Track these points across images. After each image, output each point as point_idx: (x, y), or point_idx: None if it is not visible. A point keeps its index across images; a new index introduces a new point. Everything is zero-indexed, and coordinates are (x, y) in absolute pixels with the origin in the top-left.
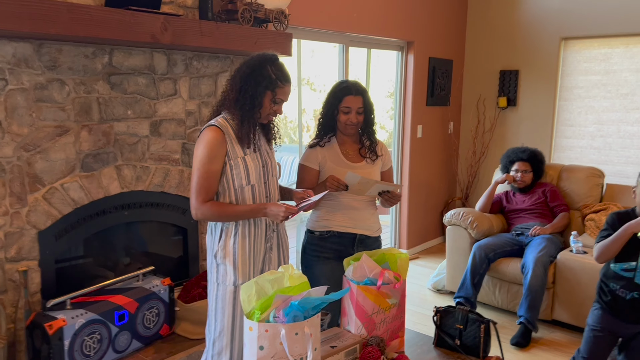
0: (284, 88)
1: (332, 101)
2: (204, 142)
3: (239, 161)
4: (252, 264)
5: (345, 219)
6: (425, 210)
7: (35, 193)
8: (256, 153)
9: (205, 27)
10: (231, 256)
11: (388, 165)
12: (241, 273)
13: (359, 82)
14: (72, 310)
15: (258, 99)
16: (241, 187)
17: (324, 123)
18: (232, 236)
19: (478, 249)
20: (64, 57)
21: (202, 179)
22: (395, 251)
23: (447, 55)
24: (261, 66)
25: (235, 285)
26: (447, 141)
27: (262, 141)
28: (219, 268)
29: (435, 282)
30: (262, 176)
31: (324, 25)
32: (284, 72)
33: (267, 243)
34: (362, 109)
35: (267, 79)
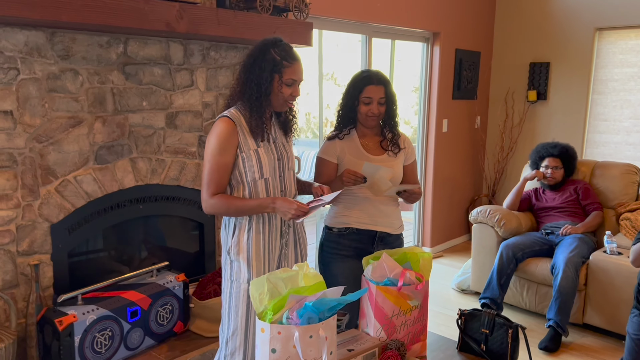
0: (292, 66)
1: (352, 91)
2: (215, 133)
3: (251, 153)
4: (267, 261)
5: (364, 215)
6: (450, 207)
7: (48, 185)
8: (271, 145)
9: (222, 15)
10: (245, 252)
11: (411, 159)
12: (255, 270)
13: (380, 71)
14: (83, 305)
15: (265, 85)
16: (254, 181)
17: (344, 114)
18: (246, 232)
19: (505, 248)
20: (77, 46)
21: (212, 171)
22: (418, 250)
23: (474, 47)
24: (263, 51)
25: (250, 283)
26: (474, 136)
27: (279, 133)
28: (233, 265)
29: (459, 282)
30: (277, 169)
31: (346, 15)
32: (289, 51)
33: (282, 239)
34: (384, 100)
35: (271, 63)
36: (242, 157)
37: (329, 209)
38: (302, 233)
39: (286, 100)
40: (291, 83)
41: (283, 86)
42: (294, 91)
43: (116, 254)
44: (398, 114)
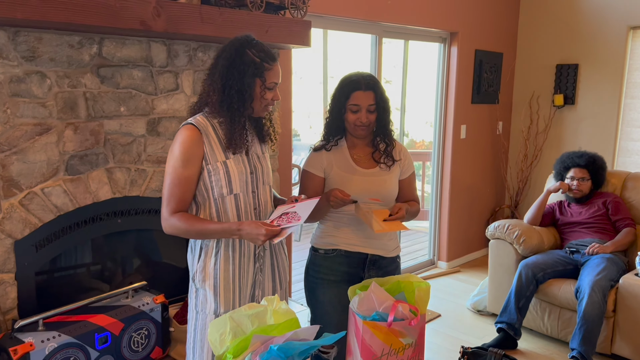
0: (272, 69)
1: (338, 98)
2: (178, 142)
3: (218, 166)
4: (238, 290)
5: (353, 235)
6: (468, 218)
7: (11, 198)
8: (242, 157)
9: (207, 13)
10: (211, 280)
11: (408, 172)
12: (223, 300)
13: (370, 74)
14: (44, 332)
15: (248, 92)
16: (222, 197)
17: (331, 123)
18: (213, 256)
19: (525, 267)
20: (44, 46)
21: (173, 185)
22: (414, 278)
23: (496, 48)
24: (240, 53)
25: (217, 314)
26: (495, 143)
27: (255, 142)
28: (198, 293)
29: (475, 302)
30: (250, 184)
31: (354, 14)
32: (268, 52)
33: (256, 264)
34: (373, 107)
35: (251, 66)
36: (208, 169)
37: (315, 226)
38: (282, 255)
39: (266, 105)
40: (273, 87)
41: (266, 91)
42: (275, 95)
43: (92, 273)
44: (392, 121)
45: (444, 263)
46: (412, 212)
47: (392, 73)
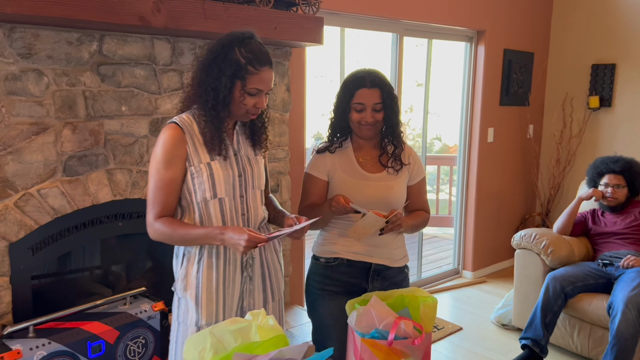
0: (258, 74)
1: (342, 96)
2: (159, 143)
3: (202, 168)
4: (222, 300)
5: (356, 243)
6: (496, 226)
7: (6, 200)
8: (230, 158)
9: (210, 8)
10: (193, 289)
11: (418, 178)
12: (205, 311)
13: (377, 71)
14: (33, 339)
15: (223, 92)
16: (205, 201)
17: (335, 124)
18: (195, 263)
19: (553, 280)
20: (41, 43)
21: (155, 188)
22: (420, 293)
23: (526, 47)
24: (226, 49)
25: (198, 327)
26: (526, 147)
27: (245, 144)
28: (180, 303)
29: (499, 315)
30: (238, 188)
31: (373, 11)
32: (258, 53)
33: (244, 272)
34: (379, 105)
35: (233, 66)
36: (191, 171)
37: (317, 233)
38: (275, 264)
39: (248, 111)
40: (255, 93)
41: (245, 96)
42: (258, 102)
43: (93, 277)
44: (401, 121)
45: (469, 273)
46: (415, 225)
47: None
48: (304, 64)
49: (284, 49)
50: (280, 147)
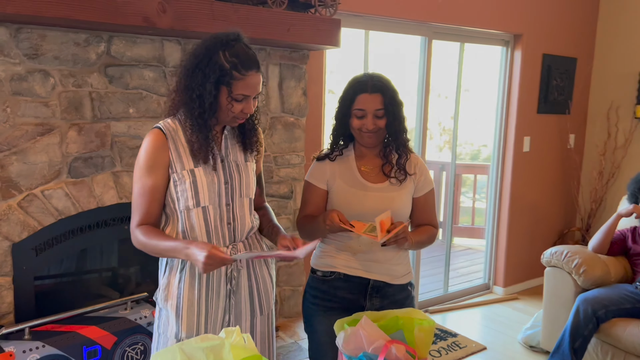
0: (244, 79)
1: (343, 102)
2: (142, 149)
3: (184, 175)
4: (204, 314)
5: (354, 257)
6: (531, 240)
7: (10, 200)
8: (217, 165)
9: (219, 9)
10: (174, 300)
11: (424, 190)
12: (186, 324)
13: (380, 75)
14: (29, 341)
15: (209, 99)
16: (187, 210)
17: (336, 130)
18: (178, 272)
19: (584, 302)
20: (47, 44)
21: (137, 195)
22: (417, 314)
23: (568, 52)
24: (209, 52)
25: (178, 339)
26: (566, 157)
27: (234, 149)
28: (161, 313)
29: (527, 335)
30: (224, 196)
31: (400, 13)
32: (243, 57)
33: (227, 284)
34: (381, 111)
35: (217, 70)
36: (174, 178)
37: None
38: (265, 275)
39: (236, 117)
40: (241, 99)
41: (232, 102)
42: (245, 107)
43: (98, 280)
44: (406, 128)
45: (500, 288)
46: (420, 241)
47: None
48: (323, 67)
49: (301, 51)
50: (294, 152)
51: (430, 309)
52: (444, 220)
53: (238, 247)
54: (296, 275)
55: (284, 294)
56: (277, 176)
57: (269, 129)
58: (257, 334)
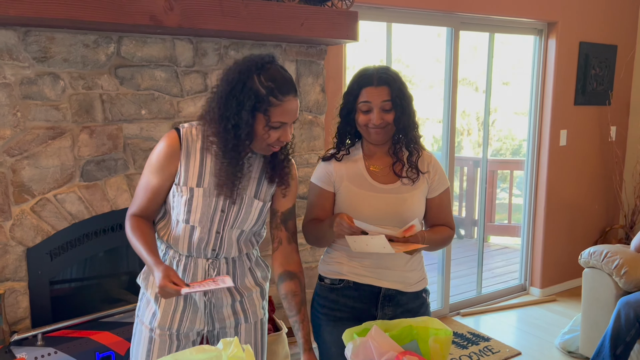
0: (282, 105)
1: (347, 97)
2: (157, 148)
3: (183, 190)
4: (182, 310)
5: (364, 263)
6: (569, 238)
7: (23, 205)
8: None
9: (228, 5)
10: (154, 288)
11: (440, 189)
12: (161, 313)
13: (387, 67)
14: (41, 347)
15: (245, 129)
16: (177, 222)
17: (342, 128)
18: (161, 258)
19: (625, 306)
20: (56, 46)
21: (140, 187)
22: (433, 324)
23: (607, 39)
24: (244, 77)
25: (152, 328)
26: (606, 151)
27: (251, 180)
28: (143, 297)
29: (565, 340)
30: (217, 223)
31: (424, 4)
32: (280, 81)
33: (207, 294)
34: (389, 104)
35: (253, 97)
36: (174, 188)
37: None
38: (252, 285)
39: (270, 145)
40: (279, 126)
41: (269, 130)
42: (282, 135)
43: (117, 284)
44: (416, 123)
45: (536, 289)
46: (436, 240)
47: (510, 73)
48: (342, 62)
49: (318, 47)
50: (313, 151)
51: (462, 312)
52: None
53: (218, 263)
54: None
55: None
56: None
57: None
58: (241, 342)
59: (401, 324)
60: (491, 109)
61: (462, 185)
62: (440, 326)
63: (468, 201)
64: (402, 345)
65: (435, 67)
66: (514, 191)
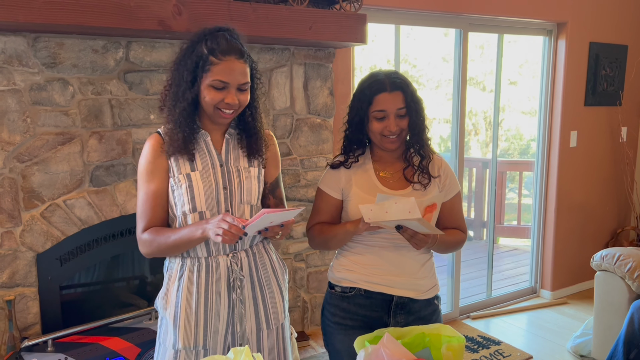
0: (221, 63)
1: (358, 105)
2: (142, 155)
3: (181, 179)
4: (204, 323)
5: (375, 271)
6: (580, 240)
7: (33, 210)
8: (216, 169)
9: (236, 9)
10: (172, 308)
11: (451, 193)
12: (183, 334)
13: (396, 71)
14: (52, 353)
15: (191, 91)
16: (184, 215)
17: (351, 136)
18: (177, 280)
19: (639, 310)
20: (65, 52)
21: (141, 202)
22: (446, 331)
23: (617, 39)
24: (194, 45)
25: (176, 350)
26: (617, 152)
27: (238, 153)
28: (162, 322)
29: (577, 344)
30: (223, 202)
31: (432, 6)
32: (223, 44)
33: (231, 293)
34: (404, 110)
35: (196, 58)
36: (172, 183)
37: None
38: (272, 285)
39: (217, 107)
40: (220, 86)
41: (212, 90)
42: (227, 97)
43: (127, 289)
44: (427, 127)
45: (547, 292)
46: (449, 242)
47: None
48: (350, 65)
49: (327, 50)
50: (322, 154)
51: (472, 315)
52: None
53: (239, 257)
54: (323, 283)
55: (314, 302)
56: (304, 179)
57: (295, 131)
58: (264, 351)
59: (413, 331)
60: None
61: (471, 186)
62: (453, 333)
63: (477, 202)
64: (414, 352)
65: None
66: (523, 191)
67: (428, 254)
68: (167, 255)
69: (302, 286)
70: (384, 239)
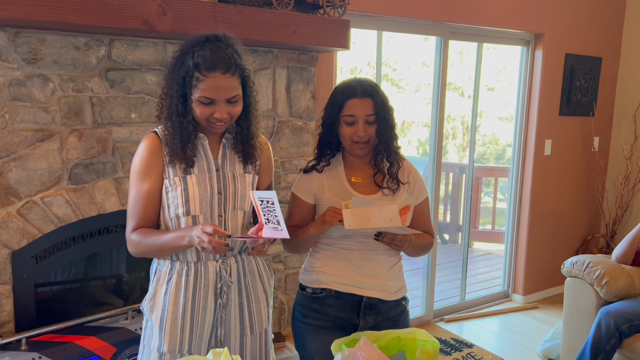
0: (206, 80)
1: (331, 109)
2: (137, 153)
3: (176, 182)
4: (190, 327)
5: (344, 272)
6: (552, 246)
7: (8, 207)
8: (211, 173)
9: (222, 11)
10: (159, 311)
11: (420, 198)
12: (168, 337)
13: (370, 80)
14: (25, 352)
15: (179, 102)
16: (177, 218)
17: (324, 139)
18: (165, 283)
19: (606, 315)
20: (46, 48)
21: (133, 201)
22: (420, 335)
23: (592, 51)
24: (184, 54)
25: (160, 353)
26: (589, 161)
27: (234, 159)
28: (147, 325)
29: (547, 348)
30: (217, 207)
31: (414, 13)
32: (209, 58)
33: (218, 299)
34: (372, 117)
35: (183, 72)
36: (166, 184)
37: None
38: (258, 291)
39: (209, 121)
40: (207, 102)
41: (198, 104)
42: (215, 111)
43: (102, 287)
44: (396, 134)
45: (519, 296)
46: (420, 244)
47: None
48: (333, 69)
49: (310, 54)
50: (303, 157)
51: (446, 318)
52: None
53: (228, 262)
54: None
55: (292, 303)
56: (284, 182)
57: (276, 134)
58: (246, 355)
59: (388, 335)
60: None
61: (447, 190)
62: (427, 338)
63: (453, 207)
64: (390, 356)
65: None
66: (498, 196)
67: (397, 257)
68: (154, 257)
69: (280, 287)
70: (356, 242)
